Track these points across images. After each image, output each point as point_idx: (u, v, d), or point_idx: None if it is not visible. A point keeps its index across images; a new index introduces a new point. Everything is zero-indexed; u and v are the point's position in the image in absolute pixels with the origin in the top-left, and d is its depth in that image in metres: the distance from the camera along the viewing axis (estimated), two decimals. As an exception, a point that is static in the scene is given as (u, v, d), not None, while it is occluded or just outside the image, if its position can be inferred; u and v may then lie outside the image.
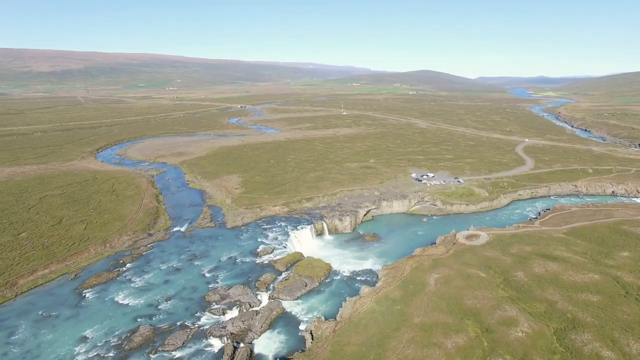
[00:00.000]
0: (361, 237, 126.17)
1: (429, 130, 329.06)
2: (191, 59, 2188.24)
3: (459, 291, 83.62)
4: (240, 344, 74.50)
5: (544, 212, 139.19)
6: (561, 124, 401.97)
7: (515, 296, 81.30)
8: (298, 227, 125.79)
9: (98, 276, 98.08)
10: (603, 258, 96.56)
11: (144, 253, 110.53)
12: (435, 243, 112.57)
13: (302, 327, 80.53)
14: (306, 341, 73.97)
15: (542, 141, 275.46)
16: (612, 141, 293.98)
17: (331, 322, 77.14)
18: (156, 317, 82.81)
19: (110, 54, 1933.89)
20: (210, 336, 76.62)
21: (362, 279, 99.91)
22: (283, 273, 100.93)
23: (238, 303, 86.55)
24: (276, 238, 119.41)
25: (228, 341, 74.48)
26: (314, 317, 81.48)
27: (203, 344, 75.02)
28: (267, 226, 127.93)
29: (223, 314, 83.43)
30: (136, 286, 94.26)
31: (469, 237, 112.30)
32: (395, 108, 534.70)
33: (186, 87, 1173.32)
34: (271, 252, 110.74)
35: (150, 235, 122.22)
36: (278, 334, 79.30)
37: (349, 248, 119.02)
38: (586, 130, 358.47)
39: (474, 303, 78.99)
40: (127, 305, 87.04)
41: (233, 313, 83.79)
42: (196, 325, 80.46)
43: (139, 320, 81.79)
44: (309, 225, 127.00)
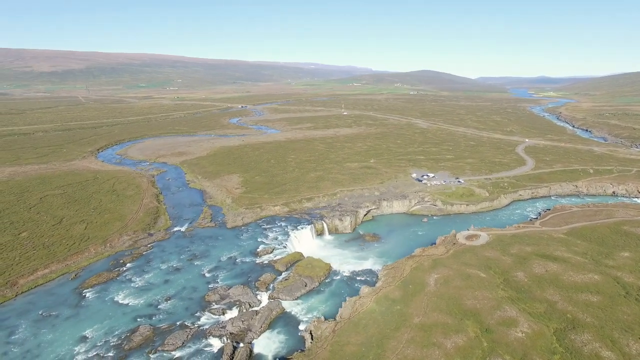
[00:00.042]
0: (361, 237, 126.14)
1: (430, 130, 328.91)
2: (192, 59, 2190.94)
3: (459, 291, 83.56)
4: (239, 344, 74.51)
5: (545, 213, 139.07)
6: (562, 124, 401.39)
7: (515, 296, 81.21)
8: (298, 227, 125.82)
9: (98, 276, 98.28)
10: (603, 258, 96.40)
11: (144, 253, 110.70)
12: (435, 243, 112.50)
13: (302, 327, 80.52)
14: (306, 341, 73.94)
15: (543, 141, 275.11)
16: (613, 141, 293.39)
17: (331, 322, 77.14)
18: (156, 317, 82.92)
19: (111, 54, 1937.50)
20: (209, 336, 76.69)
21: (362, 279, 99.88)
22: (283, 273, 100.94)
23: (238, 303, 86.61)
24: (276, 238, 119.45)
25: (227, 341, 74.53)
26: (314, 317, 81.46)
27: (202, 344, 75.08)
28: (267, 226, 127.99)
29: (223, 314, 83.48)
30: (136, 286, 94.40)
31: (469, 238, 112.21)
32: (396, 108, 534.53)
33: (187, 87, 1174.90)
34: (271, 252, 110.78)
35: (150, 235, 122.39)
36: (278, 334, 79.31)
37: (349, 248, 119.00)
38: (587, 130, 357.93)
39: (474, 303, 78.92)
40: (127, 305, 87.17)
41: (233, 313, 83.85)
42: (196, 325, 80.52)
43: (139, 320, 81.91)
44: (309, 225, 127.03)
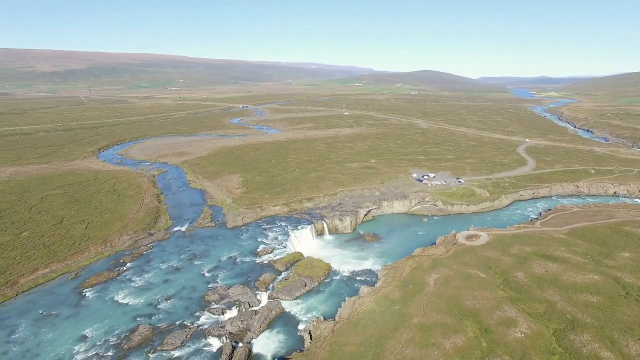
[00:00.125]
0: (361, 237, 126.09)
1: (431, 130, 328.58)
2: (193, 59, 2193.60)
3: (459, 291, 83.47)
4: (239, 344, 74.55)
5: (545, 213, 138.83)
6: (563, 125, 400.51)
7: (514, 297, 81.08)
8: (298, 227, 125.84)
9: (98, 275, 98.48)
10: (604, 259, 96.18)
11: (144, 252, 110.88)
12: (435, 243, 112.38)
13: (301, 327, 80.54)
14: (305, 341, 73.99)
15: (544, 141, 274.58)
16: (615, 142, 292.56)
17: (330, 322, 77.15)
18: (155, 317, 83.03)
19: (112, 54, 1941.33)
20: (209, 336, 76.76)
21: (362, 279, 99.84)
22: (283, 273, 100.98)
23: (237, 303, 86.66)
24: (276, 238, 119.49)
25: (227, 341, 74.58)
26: (313, 317, 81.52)
27: (202, 344, 75.15)
28: (268, 226, 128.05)
29: (222, 314, 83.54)
30: (136, 285, 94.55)
31: (469, 238, 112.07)
32: (397, 108, 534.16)
33: (188, 87, 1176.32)
34: (271, 252, 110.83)
35: (150, 234, 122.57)
36: (277, 334, 79.34)
37: (349, 248, 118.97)
38: (589, 130, 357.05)
39: (473, 303, 78.83)
40: (127, 304, 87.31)
41: (232, 313, 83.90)
42: (195, 324, 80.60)
43: (139, 319, 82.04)
44: (309, 225, 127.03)
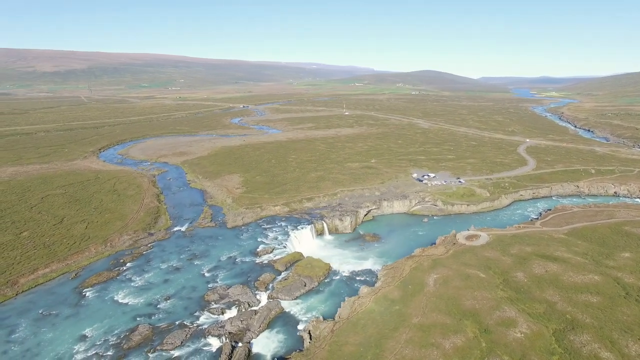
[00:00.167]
0: (361, 237, 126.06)
1: (431, 130, 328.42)
2: (194, 59, 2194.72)
3: (458, 292, 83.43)
4: (238, 344, 74.58)
5: (545, 213, 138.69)
6: (564, 124, 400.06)
7: (514, 297, 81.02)
8: (298, 227, 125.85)
9: (98, 275, 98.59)
10: (604, 259, 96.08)
11: (144, 252, 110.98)
12: (435, 243, 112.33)
13: (301, 327, 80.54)
14: (304, 341, 74.06)
15: (545, 141, 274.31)
16: (616, 141, 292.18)
17: (329, 322, 77.16)
18: (155, 316, 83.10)
19: (113, 54, 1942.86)
20: (208, 335, 76.80)
21: (362, 279, 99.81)
22: (282, 273, 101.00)
23: (237, 302, 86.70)
24: (276, 238, 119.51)
25: (226, 340, 74.60)
26: (313, 317, 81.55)
27: (201, 343, 75.20)
28: (268, 226, 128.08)
29: (222, 314, 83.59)
30: (136, 285, 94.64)
31: (469, 238, 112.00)
32: (397, 108, 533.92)
33: (189, 87, 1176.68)
34: (271, 252, 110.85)
35: (150, 234, 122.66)
36: (276, 334, 79.37)
37: (349, 248, 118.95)
38: (589, 130, 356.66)
39: (473, 304, 78.79)
40: (127, 304, 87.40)
41: (232, 312, 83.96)
42: (195, 324, 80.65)
43: (138, 319, 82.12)
44: (309, 225, 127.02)
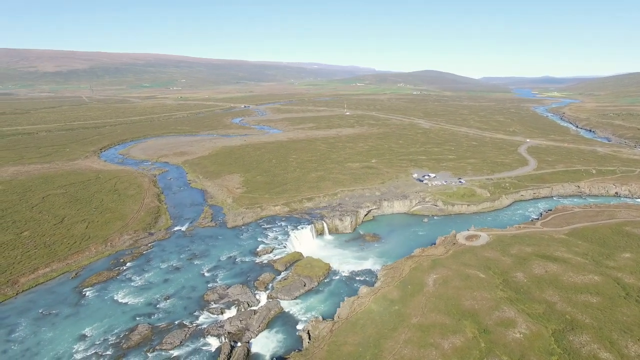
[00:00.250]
0: (361, 237, 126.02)
1: (432, 130, 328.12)
2: (195, 59, 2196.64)
3: (458, 292, 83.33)
4: (237, 343, 74.63)
5: (546, 213, 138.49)
6: (565, 125, 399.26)
7: (514, 297, 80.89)
8: (298, 227, 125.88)
9: (98, 275, 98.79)
10: (604, 259, 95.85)
11: (145, 252, 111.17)
12: (435, 243, 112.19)
13: (300, 327, 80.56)
14: (303, 341, 74.11)
15: (546, 142, 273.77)
16: (617, 142, 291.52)
17: (328, 322, 77.12)
18: (155, 316, 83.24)
19: (114, 54, 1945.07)
20: (207, 335, 76.92)
21: (361, 279, 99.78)
22: (282, 273, 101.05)
23: (236, 302, 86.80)
24: (276, 238, 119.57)
25: (225, 340, 74.66)
26: (312, 317, 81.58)
27: (200, 343, 75.29)
28: (268, 226, 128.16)
29: (221, 313, 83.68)
30: (136, 285, 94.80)
31: (469, 238, 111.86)
32: (398, 108, 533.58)
33: (190, 87, 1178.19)
34: (271, 252, 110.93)
35: (151, 234, 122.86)
36: (276, 334, 79.41)
37: (349, 248, 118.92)
38: (591, 130, 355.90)
39: (472, 304, 78.69)
40: (127, 304, 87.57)
41: (231, 312, 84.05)
42: (194, 324, 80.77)
43: (138, 318, 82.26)
44: (309, 225, 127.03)
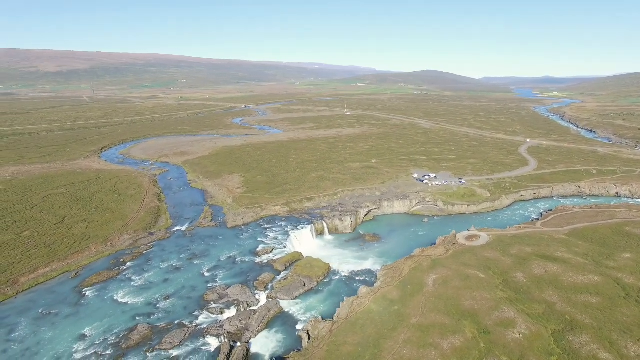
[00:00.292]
0: (361, 237, 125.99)
1: (433, 130, 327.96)
2: (196, 59, 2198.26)
3: (457, 292, 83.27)
4: (237, 343, 74.64)
5: (546, 213, 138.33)
6: (566, 125, 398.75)
7: (513, 297, 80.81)
8: (298, 227, 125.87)
9: (98, 275, 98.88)
10: (604, 259, 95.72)
11: (145, 252, 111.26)
12: (435, 243, 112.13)
13: (299, 327, 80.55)
14: (303, 341, 74.10)
15: (546, 142, 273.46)
16: (618, 142, 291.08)
17: (328, 322, 77.10)
18: (154, 316, 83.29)
19: (115, 54, 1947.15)
20: (207, 335, 76.93)
21: (361, 279, 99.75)
22: (282, 273, 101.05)
23: (236, 302, 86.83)
24: (276, 238, 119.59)
25: (225, 340, 74.68)
26: (312, 317, 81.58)
27: (200, 343, 75.32)
28: (268, 226, 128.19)
29: (221, 313, 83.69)
30: (136, 285, 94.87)
31: (469, 238, 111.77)
32: (399, 108, 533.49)
33: (191, 87, 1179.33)
34: (270, 252, 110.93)
35: (151, 234, 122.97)
36: (275, 334, 79.42)
37: (349, 248, 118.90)
38: (591, 130, 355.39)
39: (472, 304, 78.63)
40: (126, 303, 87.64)
41: (231, 312, 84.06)
42: (194, 324, 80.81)
43: (138, 318, 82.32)
44: (309, 225, 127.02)
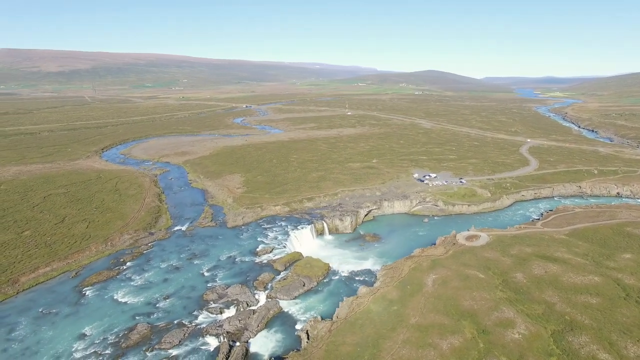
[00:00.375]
0: (362, 237, 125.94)
1: (433, 130, 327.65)
2: (197, 59, 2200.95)
3: (457, 292, 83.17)
4: (236, 343, 74.70)
5: (547, 213, 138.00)
6: (568, 125, 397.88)
7: (513, 297, 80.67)
8: (298, 227, 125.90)
9: (98, 274, 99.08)
10: (604, 260, 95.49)
11: (145, 252, 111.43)
12: (435, 244, 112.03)
13: (299, 327, 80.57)
14: (302, 341, 74.12)
15: (548, 142, 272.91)
16: (620, 142, 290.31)
17: (327, 322, 77.09)
18: (154, 316, 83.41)
19: (116, 54, 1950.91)
20: (206, 335, 77.02)
21: (361, 279, 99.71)
22: (281, 272, 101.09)
23: (235, 302, 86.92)
24: (276, 238, 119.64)
25: (224, 340, 74.72)
26: (311, 317, 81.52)
27: (199, 343, 75.40)
28: (268, 226, 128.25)
29: (220, 313, 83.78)
30: (136, 284, 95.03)
31: (469, 238, 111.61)
32: (400, 108, 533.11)
33: (192, 87, 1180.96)
34: (270, 252, 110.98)
35: (151, 234, 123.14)
36: (274, 333, 79.45)
37: (349, 248, 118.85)
38: (593, 130, 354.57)
39: (471, 304, 78.52)
40: (126, 303, 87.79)
41: (230, 312, 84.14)
42: (193, 323, 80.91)
43: (137, 318, 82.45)
44: (310, 225, 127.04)
